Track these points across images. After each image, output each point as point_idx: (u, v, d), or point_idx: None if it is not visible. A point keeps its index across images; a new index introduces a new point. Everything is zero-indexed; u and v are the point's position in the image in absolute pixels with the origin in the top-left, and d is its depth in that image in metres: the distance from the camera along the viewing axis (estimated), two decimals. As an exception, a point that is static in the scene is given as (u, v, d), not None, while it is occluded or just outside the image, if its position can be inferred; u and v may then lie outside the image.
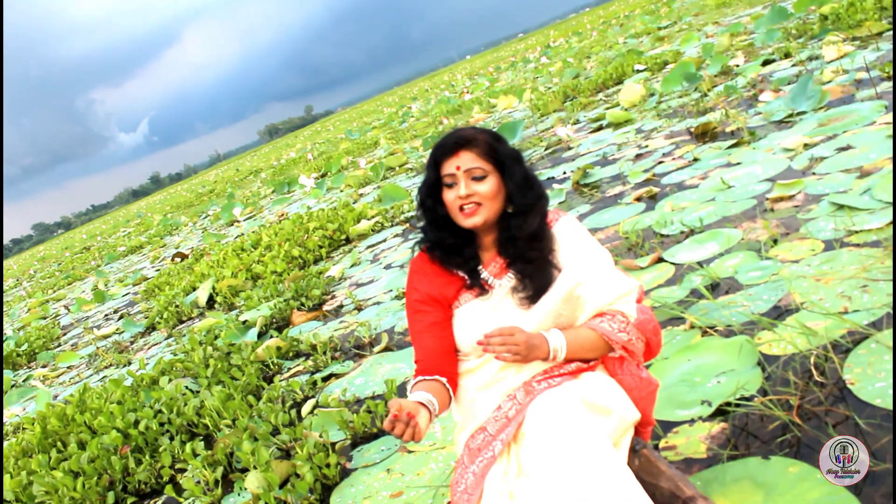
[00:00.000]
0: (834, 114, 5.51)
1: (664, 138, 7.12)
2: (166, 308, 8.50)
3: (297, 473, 3.29)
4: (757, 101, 6.95)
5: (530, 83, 19.21)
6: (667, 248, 4.26)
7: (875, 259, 3.13)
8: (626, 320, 2.03)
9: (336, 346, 4.94)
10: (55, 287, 20.37)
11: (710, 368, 2.85)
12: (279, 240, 8.99)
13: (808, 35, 9.39)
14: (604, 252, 2.12)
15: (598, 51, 21.71)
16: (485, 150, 2.03)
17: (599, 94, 12.30)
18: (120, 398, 4.97)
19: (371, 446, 3.43)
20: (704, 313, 3.28)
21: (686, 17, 21.25)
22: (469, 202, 2.02)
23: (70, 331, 11.23)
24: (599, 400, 1.93)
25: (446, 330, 2.12)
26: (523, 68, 29.13)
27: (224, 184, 37.43)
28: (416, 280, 2.19)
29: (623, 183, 6.09)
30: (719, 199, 4.69)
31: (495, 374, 2.07)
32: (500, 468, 1.92)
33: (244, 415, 4.10)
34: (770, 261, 3.54)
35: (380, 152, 18.13)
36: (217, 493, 3.55)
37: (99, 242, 34.18)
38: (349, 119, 56.86)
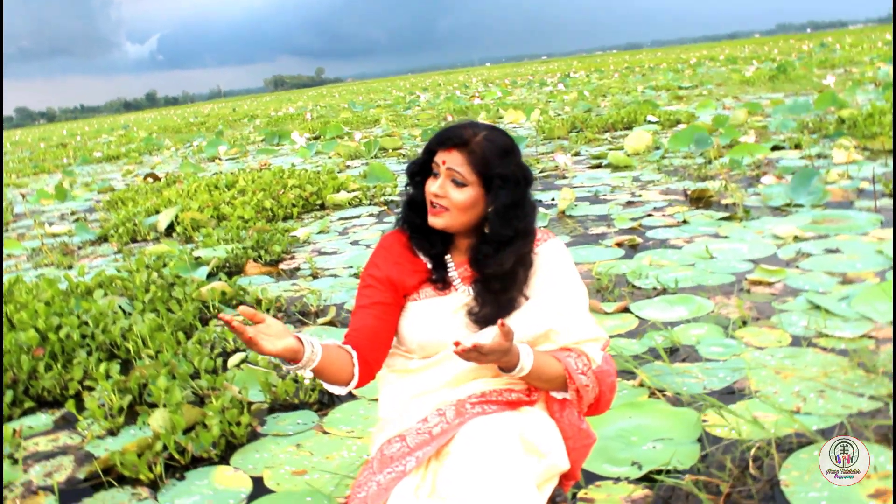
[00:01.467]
0: (830, 215, 5.47)
1: (659, 193, 7.06)
2: (124, 223, 8.27)
3: (204, 423, 3.14)
4: (758, 181, 6.91)
5: (542, 105, 19.16)
6: (636, 300, 4.18)
7: (838, 367, 3.05)
8: (589, 364, 1.91)
9: (282, 306, 4.79)
10: (20, 173, 19.90)
11: (649, 431, 2.75)
12: (255, 187, 8.80)
13: (822, 133, 9.40)
14: (583, 288, 2.00)
15: (616, 92, 21.73)
16: (476, 160, 1.87)
17: (606, 134, 12.25)
18: (49, 299, 4.78)
19: (288, 416, 3.30)
20: (657, 374, 3.19)
21: (708, 83, 21.34)
22: (438, 202, 1.89)
23: (21, 220, 10.93)
24: (536, 440, 1.81)
25: (390, 315, 1.97)
26: (538, 89, 29.11)
27: (217, 120, 36.98)
28: (381, 257, 2.05)
29: (608, 225, 6.01)
30: (699, 267, 4.62)
31: (435, 383, 1.93)
32: (412, 482, 1.79)
33: (169, 349, 3.95)
34: (735, 341, 3.46)
35: (377, 131, 17.96)
36: (119, 420, 3.40)
37: (77, 142, 33.55)
38: (356, 91, 56.59)
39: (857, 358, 3.09)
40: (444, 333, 1.91)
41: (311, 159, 13.66)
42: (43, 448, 3.35)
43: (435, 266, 2.00)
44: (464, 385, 1.91)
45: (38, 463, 3.20)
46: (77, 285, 5.10)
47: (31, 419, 3.64)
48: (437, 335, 1.92)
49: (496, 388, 1.90)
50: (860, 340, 3.29)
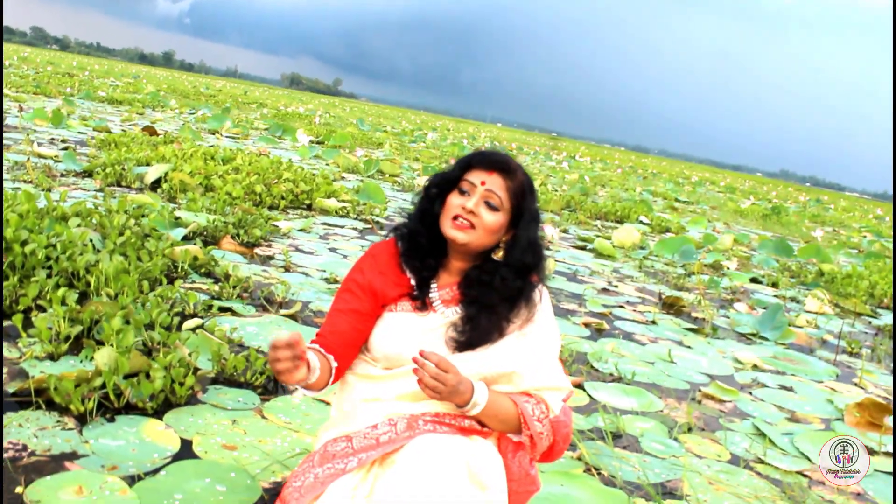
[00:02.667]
0: (791, 355, 5.57)
1: (635, 289, 7.15)
2: (112, 165, 8.21)
3: (148, 374, 3.11)
4: (731, 306, 7.03)
5: (542, 177, 19.39)
6: (591, 380, 4.21)
7: (770, 494, 3.09)
8: (547, 413, 1.94)
9: (248, 287, 4.76)
10: (20, 89, 19.71)
11: (577, 503, 2.77)
12: (251, 169, 8.80)
13: (800, 279, 9.60)
14: (557, 338, 2.05)
15: (615, 186, 22.05)
16: (515, 189, 1.96)
17: (597, 221, 12.42)
18: (23, 212, 4.72)
19: (230, 391, 3.28)
20: (596, 453, 3.21)
21: (703, 204, 21.74)
22: (468, 218, 1.93)
23: (10, 132, 10.80)
24: (481, 472, 1.81)
25: (364, 324, 2.00)
26: (543, 162, 29.45)
27: (227, 97, 36.95)
28: (368, 264, 2.08)
29: (580, 304, 6.07)
30: (658, 367, 4.67)
31: (391, 393, 1.95)
32: (351, 481, 1.80)
33: (130, 294, 3.91)
34: (677, 443, 3.50)
35: (379, 154, 18.04)
36: (62, 347, 3.35)
37: (85, 77, 33.31)
38: (367, 112, 56.87)
39: (789, 490, 3.14)
40: (412, 349, 1.93)
41: (309, 161, 13.69)
42: (-22, 352, 3.29)
43: (419, 285, 2.02)
44: (421, 402, 1.93)
45: (-30, 365, 3.14)
46: (54, 208, 5.04)
47: (-26, 322, 3.58)
48: (405, 349, 1.95)
49: (451, 412, 1.92)
50: (795, 475, 3.34)
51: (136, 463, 2.58)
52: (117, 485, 2.42)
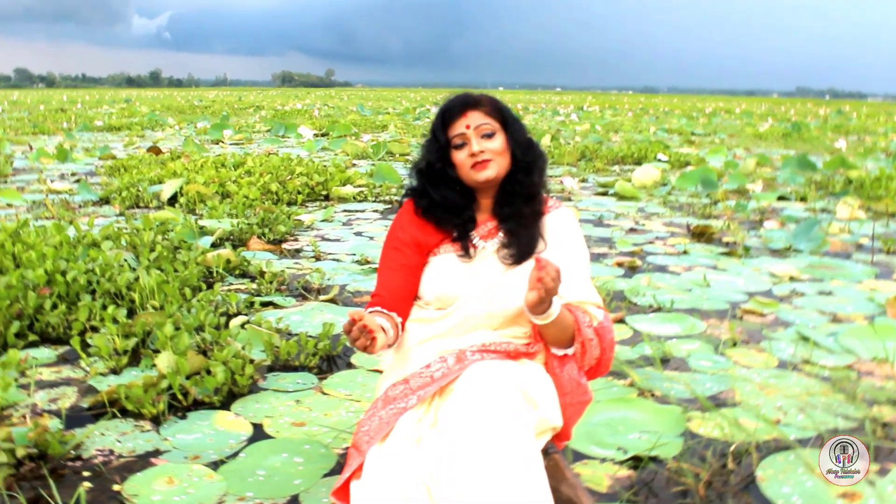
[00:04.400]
0: (827, 262, 5.70)
1: (662, 224, 7.29)
2: (127, 188, 8.44)
3: (209, 370, 3.32)
4: (761, 225, 7.15)
5: (553, 131, 19.45)
6: (631, 314, 4.39)
7: (820, 390, 3.26)
8: (591, 321, 2.11)
9: (284, 280, 4.97)
10: (19, 131, 20.01)
11: (636, 424, 2.96)
12: (262, 170, 9.00)
13: (828, 190, 9.67)
14: (587, 255, 2.24)
15: (628, 130, 22.03)
16: (491, 110, 2.18)
17: (615, 166, 12.52)
18: (57, 244, 4.95)
19: (288, 376, 3.49)
20: (647, 378, 3.40)
21: (721, 133, 21.68)
22: (481, 158, 2.13)
23: (21, 174, 11.06)
24: (531, 391, 1.99)
25: (415, 276, 2.21)
26: (550, 118, 29.42)
27: (222, 106, 37.17)
28: (406, 220, 2.27)
29: (610, 247, 6.23)
30: (695, 293, 4.83)
31: (442, 332, 2.14)
32: (416, 414, 1.98)
33: (175, 302, 4.13)
34: (724, 357, 3.67)
35: (386, 136, 18.19)
36: (122, 360, 3.57)
37: (78, 109, 33.64)
38: (365, 97, 56.87)
39: (839, 384, 3.31)
40: (460, 286, 2.15)
41: (317, 154, 13.86)
42: (47, 378, 3.51)
43: (460, 235, 2.22)
44: (468, 334, 2.13)
45: (42, 390, 3.37)
46: (84, 235, 5.26)
47: (36, 352, 3.81)
48: (453, 287, 2.15)
49: (496, 341, 2.11)
50: (843, 370, 3.51)
51: (215, 450, 2.79)
52: (203, 471, 2.64)
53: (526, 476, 1.74)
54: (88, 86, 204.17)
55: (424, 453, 1.83)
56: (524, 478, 1.73)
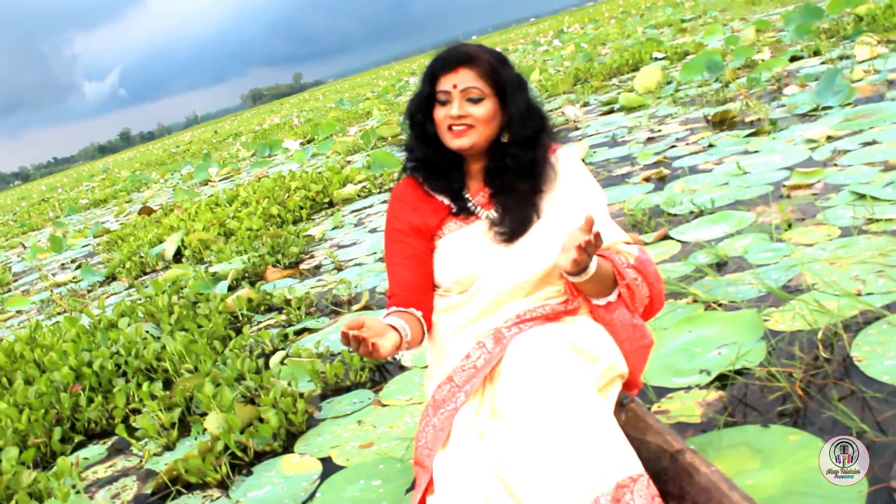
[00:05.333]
0: (861, 110, 5.56)
1: (679, 124, 7.17)
2: (129, 258, 8.46)
3: (260, 418, 3.30)
4: (781, 94, 7.00)
5: (539, 64, 19.24)
6: (674, 226, 4.31)
7: (894, 246, 3.17)
8: (628, 260, 2.04)
9: (312, 302, 4.95)
10: (8, 235, 20.21)
11: (712, 340, 2.89)
12: (257, 197, 8.99)
13: (841, 35, 9.46)
14: (602, 193, 2.15)
15: (615, 38, 21.73)
16: (486, 71, 2.03)
17: (613, 80, 12.35)
18: (74, 337, 4.96)
19: (342, 398, 3.46)
20: (709, 289, 3.32)
21: (711, 11, 21.30)
22: (460, 123, 2.03)
23: (22, 278, 11.16)
24: (586, 345, 1.92)
25: (425, 263, 2.13)
26: (533, 51, 29.13)
27: (201, 144, 37.25)
28: (399, 208, 2.20)
29: (632, 164, 6.13)
30: (733, 184, 4.73)
31: (471, 313, 2.07)
32: (471, 408, 1.92)
33: (208, 360, 4.11)
34: (782, 243, 3.58)
35: (372, 122, 18.11)
36: (172, 434, 3.56)
37: (59, 195, 33.91)
38: (340, 90, 56.71)
39: (911, 234, 3.21)
40: (475, 263, 2.06)
41: (309, 163, 13.84)
42: (102, 475, 3.52)
43: (454, 200, 2.14)
44: (500, 310, 2.04)
45: (101, 489, 3.37)
46: (100, 319, 5.27)
47: (85, 451, 3.81)
48: (469, 266, 2.07)
49: (529, 308, 2.02)
50: (912, 218, 3.41)
51: (290, 497, 2.77)
52: (284, 523, 2.62)
53: (601, 436, 1.68)
54: (63, 167, 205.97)
55: (490, 447, 1.78)
56: (599, 439, 1.67)
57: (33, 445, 3.80)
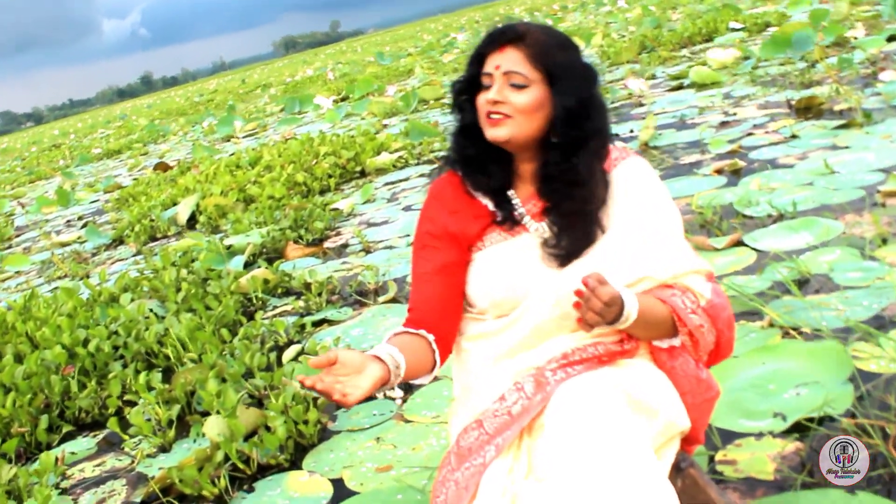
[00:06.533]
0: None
1: (757, 108, 6.95)
2: (139, 221, 8.44)
3: (267, 426, 3.20)
4: (876, 80, 6.74)
5: (601, 27, 18.94)
6: (749, 230, 4.14)
7: None
8: (697, 301, 1.87)
9: (334, 288, 4.85)
10: (14, 183, 20.41)
11: (790, 376, 2.72)
12: (282, 161, 8.89)
13: (948, 13, 9.13)
14: (676, 212, 1.96)
15: (687, 2, 21.34)
16: (536, 53, 1.85)
17: (683, 50, 12.07)
18: (71, 311, 4.90)
19: (361, 408, 3.34)
20: (788, 311, 3.15)
21: (797, -23, 20.83)
22: (497, 110, 1.86)
23: (25, 233, 11.23)
24: (644, 396, 1.77)
25: (456, 277, 1.96)
26: (595, 10, 28.75)
27: (226, 94, 37.39)
28: (434, 208, 2.02)
29: (702, 151, 5.94)
30: (819, 185, 4.54)
31: (510, 348, 1.90)
32: (503, 464, 1.76)
33: (214, 350, 4.01)
34: (875, 262, 3.41)
35: (413, 82, 17.96)
36: (169, 434, 3.48)
37: (72, 141, 34.25)
38: (381, 42, 56.61)
39: None
40: (519, 284, 1.90)
41: (342, 123, 13.74)
42: (90, 474, 3.46)
43: (497, 203, 1.97)
44: (543, 344, 1.88)
45: (87, 491, 3.31)
46: (100, 293, 5.21)
47: (72, 444, 3.77)
48: (511, 287, 1.90)
49: (579, 346, 1.86)
50: None
51: (295, 525, 2.66)
52: (286, 555, 2.50)
53: None
54: (78, 110, 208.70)
55: None
56: None
57: (17, 434, 3.75)
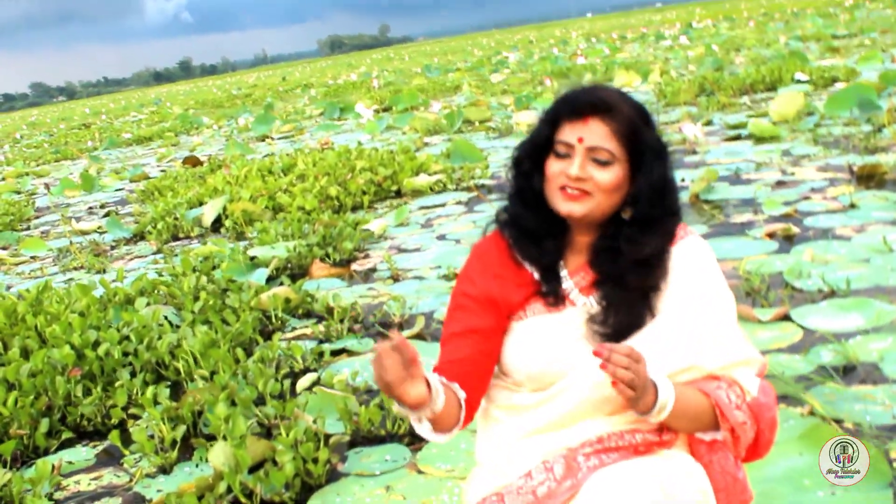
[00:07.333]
0: None
1: (816, 170, 6.90)
2: (163, 217, 8.49)
3: (275, 460, 3.19)
4: (946, 153, 6.69)
5: (660, 63, 18.93)
6: (797, 304, 4.10)
7: None
8: (744, 396, 1.84)
9: (358, 316, 4.84)
10: (39, 160, 20.66)
11: (827, 472, 2.68)
12: (317, 171, 8.92)
13: None
14: (731, 298, 1.93)
15: (752, 45, 21.34)
16: (623, 129, 1.83)
17: (744, 97, 12.03)
18: (84, 309, 4.93)
19: (373, 451, 3.33)
20: (831, 400, 3.11)
21: (870, 31, 20.74)
22: (577, 187, 1.84)
23: (45, 215, 11.34)
24: (680, 492, 1.73)
25: (491, 344, 1.94)
26: (655, 44, 28.81)
27: (265, 90, 37.73)
28: (477, 269, 2.00)
29: (755, 211, 5.90)
30: (875, 263, 4.49)
31: (542, 424, 1.88)
32: None
33: (227, 369, 4.02)
34: (929, 358, 3.35)
35: (459, 99, 18.04)
36: (171, 456, 3.48)
37: (102, 122, 34.66)
38: (430, 52, 56.95)
39: None
40: (560, 360, 1.88)
41: (381, 136, 13.81)
42: (85, 488, 3.47)
43: (545, 276, 1.95)
44: (578, 424, 1.85)
45: (81, 507, 3.31)
46: (115, 292, 5.23)
47: (71, 453, 3.78)
48: (551, 362, 1.88)
49: (615, 431, 1.84)
50: None
51: (292, 571, 2.65)
52: None
53: None
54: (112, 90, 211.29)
55: None
56: None
57: (15, 436, 3.76)
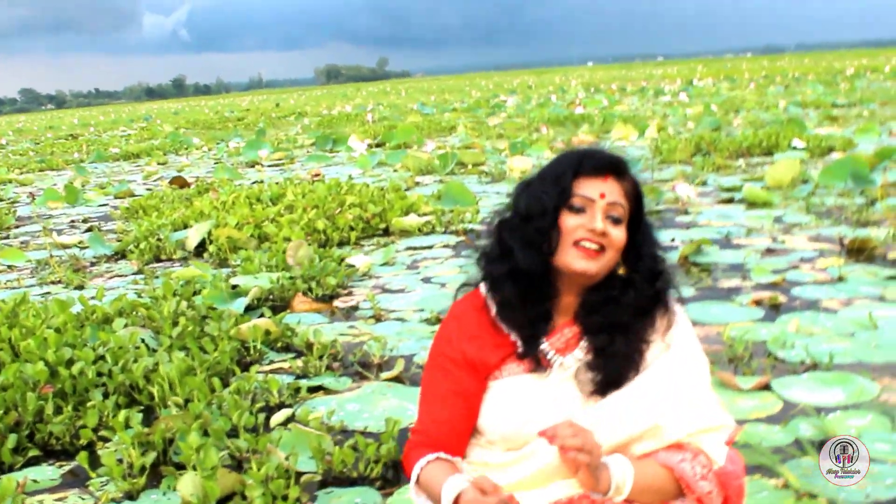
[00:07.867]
0: None
1: (807, 239, 6.98)
2: (146, 237, 8.49)
3: (244, 494, 3.20)
4: (938, 232, 6.78)
5: (658, 119, 19.11)
6: (779, 375, 4.14)
7: None
8: (710, 465, 1.89)
9: (337, 353, 4.86)
10: (23, 168, 20.62)
11: (798, 548, 2.72)
12: (305, 203, 8.96)
13: None
14: (705, 362, 1.99)
15: (751, 108, 21.58)
16: (631, 190, 1.94)
17: (740, 160, 12.16)
18: (60, 325, 4.93)
19: (344, 493, 3.35)
20: (805, 475, 3.14)
21: (870, 102, 21.03)
22: (598, 241, 1.89)
23: (25, 225, 11.32)
24: None
25: (471, 404, 1.99)
26: (654, 99, 29.07)
27: (257, 115, 37.83)
28: (455, 332, 2.05)
29: (743, 277, 5.96)
30: (860, 338, 4.55)
31: (513, 482, 1.92)
32: None
33: (202, 398, 4.03)
34: (908, 437, 3.40)
35: (454, 140, 18.14)
36: (139, 482, 3.48)
37: (90, 134, 34.64)
38: (427, 90, 57.30)
39: None
40: (534, 420, 1.92)
41: (373, 171, 13.87)
42: (49, 509, 3.46)
43: (524, 340, 1.99)
44: (548, 486, 1.90)
45: (42, 527, 3.30)
46: (93, 311, 5.25)
47: (36, 471, 3.76)
48: (525, 423, 1.93)
49: (585, 494, 1.87)
50: None
51: None
52: None
53: None
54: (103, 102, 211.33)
55: None
56: None
57: (-20, 451, 3.76)
